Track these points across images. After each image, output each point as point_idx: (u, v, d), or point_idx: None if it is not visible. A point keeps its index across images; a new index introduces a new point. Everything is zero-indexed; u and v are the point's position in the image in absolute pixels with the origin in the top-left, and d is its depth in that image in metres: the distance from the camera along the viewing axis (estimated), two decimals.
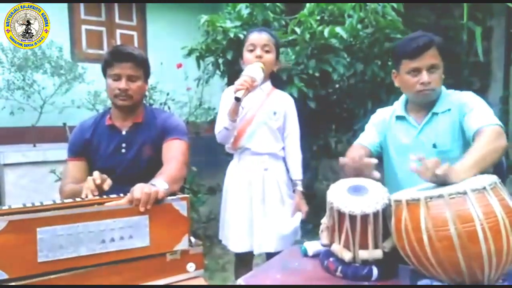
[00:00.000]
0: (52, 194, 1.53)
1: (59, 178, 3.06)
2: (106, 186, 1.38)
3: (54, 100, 4.04)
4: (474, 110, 1.43)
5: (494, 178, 1.07)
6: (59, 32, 4.50)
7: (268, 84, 1.97)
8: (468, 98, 1.50)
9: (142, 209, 1.15)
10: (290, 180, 1.99)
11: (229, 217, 1.93)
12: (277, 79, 2.07)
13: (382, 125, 1.70)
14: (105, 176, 1.41)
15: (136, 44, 5.20)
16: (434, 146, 1.52)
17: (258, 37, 1.88)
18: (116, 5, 5.12)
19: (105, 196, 1.32)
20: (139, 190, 1.16)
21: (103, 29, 5.07)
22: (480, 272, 0.99)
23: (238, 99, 1.67)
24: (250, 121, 1.88)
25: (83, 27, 4.92)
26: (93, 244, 1.10)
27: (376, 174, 1.37)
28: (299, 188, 1.95)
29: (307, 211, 1.95)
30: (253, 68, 1.75)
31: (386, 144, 1.68)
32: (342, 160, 1.41)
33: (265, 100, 1.92)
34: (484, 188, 1.01)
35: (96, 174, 1.39)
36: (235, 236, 1.90)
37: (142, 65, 1.64)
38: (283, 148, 1.97)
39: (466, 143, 1.44)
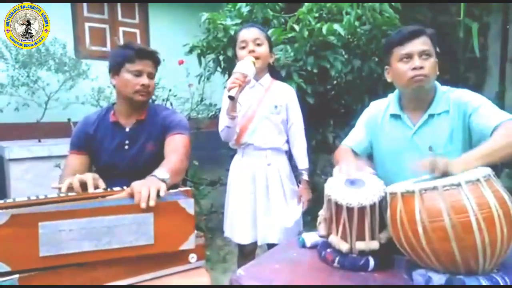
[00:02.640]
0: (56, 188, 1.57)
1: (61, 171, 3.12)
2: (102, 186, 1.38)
3: (58, 96, 4.07)
4: (482, 108, 1.38)
5: (488, 170, 1.07)
6: (63, 29, 4.53)
7: (267, 77, 1.97)
8: (469, 97, 1.44)
9: (143, 205, 1.11)
10: (292, 174, 2.02)
11: (234, 210, 1.97)
12: (276, 71, 2.08)
13: (373, 122, 1.64)
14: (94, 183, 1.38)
15: (138, 42, 5.21)
16: (430, 149, 1.46)
17: (247, 33, 1.90)
18: (118, 3, 5.14)
19: (108, 189, 1.32)
20: (139, 185, 1.17)
21: (106, 26, 5.10)
22: (475, 262, 1.00)
23: (232, 98, 1.68)
24: (252, 118, 1.90)
25: (86, 24, 4.94)
26: (96, 240, 1.08)
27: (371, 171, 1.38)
28: (305, 177, 1.97)
29: (309, 200, 1.97)
30: (243, 64, 1.75)
31: (378, 142, 1.63)
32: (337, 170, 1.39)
33: (265, 95, 1.93)
34: (478, 180, 1.02)
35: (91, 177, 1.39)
36: (240, 228, 1.93)
37: (158, 64, 1.70)
38: (287, 142, 1.99)
39: (466, 145, 1.41)
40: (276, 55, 2.05)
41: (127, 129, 1.69)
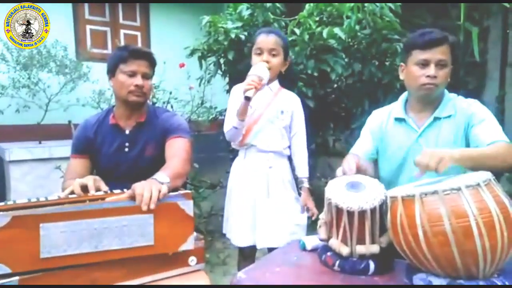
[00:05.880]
0: (57, 190, 1.56)
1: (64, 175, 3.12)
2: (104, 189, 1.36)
3: (59, 98, 4.07)
4: (484, 123, 1.42)
5: (488, 174, 1.08)
6: (64, 31, 4.53)
7: (276, 83, 1.99)
8: (476, 109, 1.48)
9: (144, 208, 1.13)
10: (294, 181, 2.02)
11: (233, 212, 1.97)
12: (285, 79, 2.07)
13: (378, 128, 1.67)
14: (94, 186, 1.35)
15: (139, 44, 5.21)
16: None
17: (265, 41, 1.89)
18: (120, 5, 5.14)
19: (109, 191, 1.32)
20: (140, 188, 1.17)
21: (107, 29, 5.09)
22: (475, 267, 1.00)
23: (248, 98, 1.70)
24: (257, 120, 1.91)
25: (88, 27, 4.93)
26: (96, 241, 1.09)
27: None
28: (306, 185, 1.97)
29: (312, 206, 1.97)
30: (259, 68, 1.77)
31: (383, 146, 1.65)
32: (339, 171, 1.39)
33: (273, 99, 1.94)
34: (478, 184, 1.02)
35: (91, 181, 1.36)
36: (238, 230, 1.93)
37: (154, 65, 1.69)
38: (289, 147, 2.00)
39: None
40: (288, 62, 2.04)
41: (127, 132, 1.69)
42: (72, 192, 1.31)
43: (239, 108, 1.79)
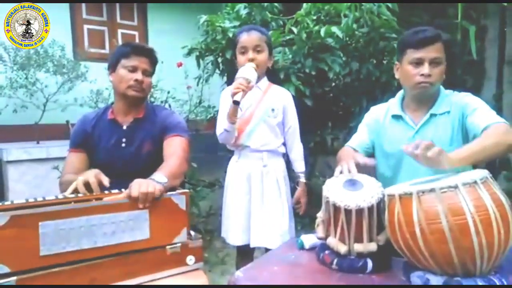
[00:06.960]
0: (55, 190, 1.56)
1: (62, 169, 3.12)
2: (106, 182, 1.37)
3: (57, 98, 4.08)
4: (478, 110, 1.43)
5: (485, 172, 1.08)
6: (61, 31, 4.53)
7: (265, 80, 1.98)
8: (469, 100, 1.49)
9: (140, 206, 1.18)
10: (287, 178, 2.03)
11: (229, 212, 1.98)
12: (273, 74, 2.08)
13: (375, 124, 1.69)
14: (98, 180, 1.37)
15: None
16: None
17: (248, 39, 1.88)
18: (117, 5, 5.15)
19: (106, 191, 1.34)
20: (136, 188, 1.18)
21: (104, 28, 5.10)
22: (472, 264, 1.01)
23: (237, 103, 1.69)
24: (249, 120, 1.91)
25: (85, 26, 4.94)
26: (95, 237, 1.12)
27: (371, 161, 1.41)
28: (302, 180, 2.00)
29: (305, 202, 2.00)
30: (246, 70, 1.76)
31: (380, 143, 1.66)
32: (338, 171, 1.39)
33: (263, 97, 1.94)
34: (475, 182, 1.03)
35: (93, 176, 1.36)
36: (233, 229, 1.94)
37: (155, 63, 1.72)
38: (283, 144, 2.00)
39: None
40: (274, 58, 2.04)
41: (124, 127, 1.70)
42: (75, 190, 1.32)
43: (228, 111, 1.78)
